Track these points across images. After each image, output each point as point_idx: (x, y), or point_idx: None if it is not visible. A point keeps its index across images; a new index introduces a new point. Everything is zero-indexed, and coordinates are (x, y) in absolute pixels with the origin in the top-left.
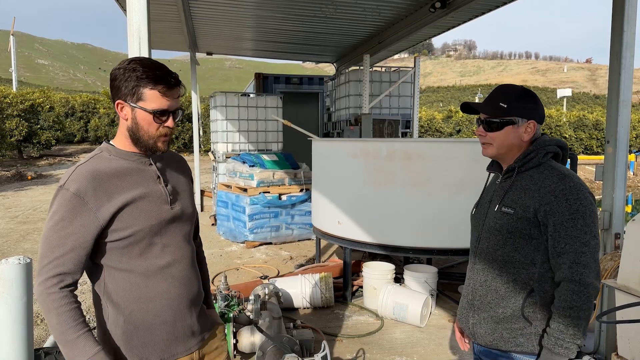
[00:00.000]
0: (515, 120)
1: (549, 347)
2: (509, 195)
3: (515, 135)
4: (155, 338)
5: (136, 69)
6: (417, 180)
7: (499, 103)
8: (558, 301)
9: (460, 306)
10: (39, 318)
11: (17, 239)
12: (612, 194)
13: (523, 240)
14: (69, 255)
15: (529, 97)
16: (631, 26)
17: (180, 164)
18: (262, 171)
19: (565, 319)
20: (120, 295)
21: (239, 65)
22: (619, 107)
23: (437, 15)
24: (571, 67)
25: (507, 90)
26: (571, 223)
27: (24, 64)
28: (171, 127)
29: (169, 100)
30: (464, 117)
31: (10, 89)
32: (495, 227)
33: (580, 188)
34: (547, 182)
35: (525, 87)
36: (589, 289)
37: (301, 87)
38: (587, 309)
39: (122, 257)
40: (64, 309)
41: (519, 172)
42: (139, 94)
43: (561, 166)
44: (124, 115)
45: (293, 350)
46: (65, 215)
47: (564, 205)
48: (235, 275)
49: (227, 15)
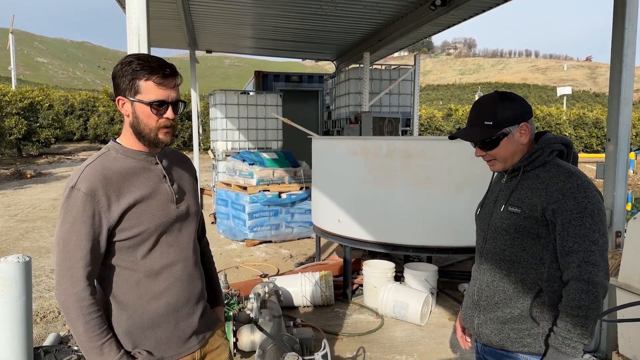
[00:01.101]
0: (507, 131)
1: (555, 346)
2: (516, 194)
3: (514, 143)
4: (157, 336)
5: (132, 62)
6: (417, 178)
7: (484, 122)
8: (566, 300)
9: (464, 306)
10: (39, 316)
11: (17, 237)
12: (613, 192)
13: (531, 239)
14: (89, 257)
15: (508, 101)
16: (632, 24)
17: (185, 162)
18: (262, 169)
19: (573, 318)
20: (124, 293)
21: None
22: (620, 105)
23: (438, 12)
24: (571, 66)
25: (485, 105)
26: (579, 221)
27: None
28: (171, 119)
29: (165, 91)
30: (464, 115)
31: (9, 87)
32: (502, 227)
33: (588, 186)
34: (554, 181)
35: (498, 90)
36: (598, 288)
37: (301, 85)
38: (595, 308)
39: (128, 256)
40: (92, 317)
41: (525, 171)
42: (136, 87)
43: (568, 164)
44: (126, 111)
45: (293, 349)
46: (80, 216)
47: (572, 203)
48: (235, 273)
49: (226, 12)
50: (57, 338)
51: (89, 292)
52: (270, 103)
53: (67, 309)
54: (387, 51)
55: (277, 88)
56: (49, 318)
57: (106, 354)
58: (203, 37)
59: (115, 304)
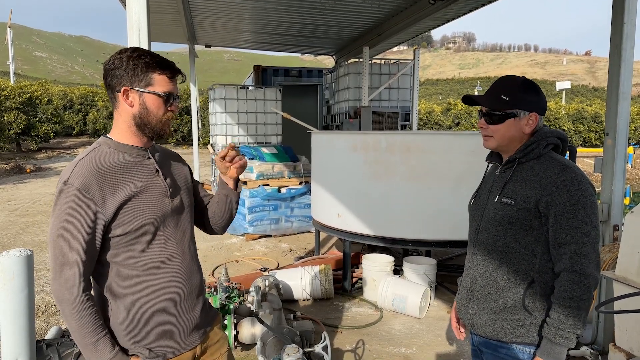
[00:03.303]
0: (517, 113)
1: (549, 337)
2: (510, 186)
3: (517, 128)
4: (158, 331)
5: (142, 56)
6: (416, 172)
7: (501, 95)
8: (558, 291)
9: (458, 297)
10: (40, 310)
11: (17, 231)
12: (611, 186)
13: (524, 231)
14: (84, 253)
15: (531, 89)
16: (632, 18)
17: (175, 157)
18: (262, 164)
19: (565, 309)
20: (123, 290)
21: (238, 57)
22: (618, 99)
23: (437, 7)
24: (570, 60)
25: (509, 81)
26: (572, 214)
27: (21, 57)
28: (175, 112)
29: (174, 86)
30: (463, 110)
31: (8, 82)
32: (496, 218)
33: (582, 179)
34: (548, 173)
35: (527, 78)
36: (589, 279)
37: (300, 80)
38: (587, 299)
39: (125, 252)
40: (86, 313)
41: (520, 162)
42: (148, 79)
43: (562, 157)
44: (130, 102)
45: (293, 341)
46: (74, 212)
47: (566, 196)
48: (235, 267)
49: (225, 6)
50: (59, 331)
51: (83, 289)
52: (270, 97)
53: (62, 305)
54: (386, 45)
55: (276, 82)
56: (50, 312)
57: (100, 350)
58: (202, 31)
59: (115, 301)
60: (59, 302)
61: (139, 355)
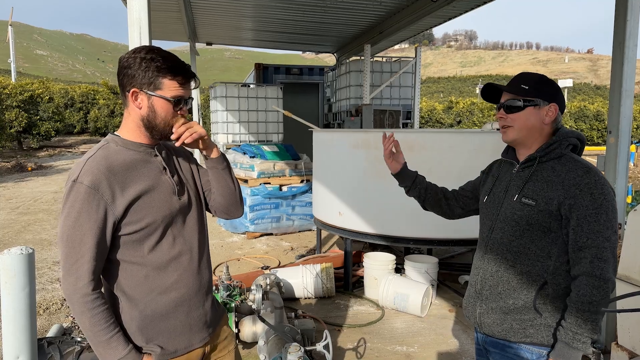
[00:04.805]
0: (537, 102)
1: (566, 342)
2: (530, 185)
3: (537, 118)
4: (169, 328)
5: (155, 59)
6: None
7: (521, 85)
8: (576, 295)
9: (466, 295)
10: (42, 308)
11: (19, 229)
12: (614, 184)
13: (541, 232)
14: (94, 251)
15: (550, 84)
16: (635, 15)
17: (182, 152)
18: (263, 162)
19: (584, 314)
20: (133, 288)
21: (239, 55)
22: (621, 97)
23: (438, 4)
24: (572, 58)
25: (528, 75)
26: (594, 218)
27: (22, 55)
28: (185, 115)
29: (185, 90)
30: (465, 108)
31: (9, 80)
32: (513, 218)
33: (604, 183)
34: (571, 175)
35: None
36: (608, 284)
37: (301, 78)
38: (605, 304)
39: (135, 250)
40: (97, 311)
41: (540, 162)
42: (158, 83)
43: (583, 159)
44: (138, 103)
45: (295, 340)
46: (84, 210)
47: (589, 199)
48: (236, 265)
49: (226, 4)
50: (61, 329)
51: (94, 287)
52: (271, 96)
53: (73, 304)
54: (387, 43)
55: (277, 80)
56: (52, 310)
57: (114, 347)
58: (203, 29)
59: (125, 299)
60: (69, 300)
61: (150, 353)
